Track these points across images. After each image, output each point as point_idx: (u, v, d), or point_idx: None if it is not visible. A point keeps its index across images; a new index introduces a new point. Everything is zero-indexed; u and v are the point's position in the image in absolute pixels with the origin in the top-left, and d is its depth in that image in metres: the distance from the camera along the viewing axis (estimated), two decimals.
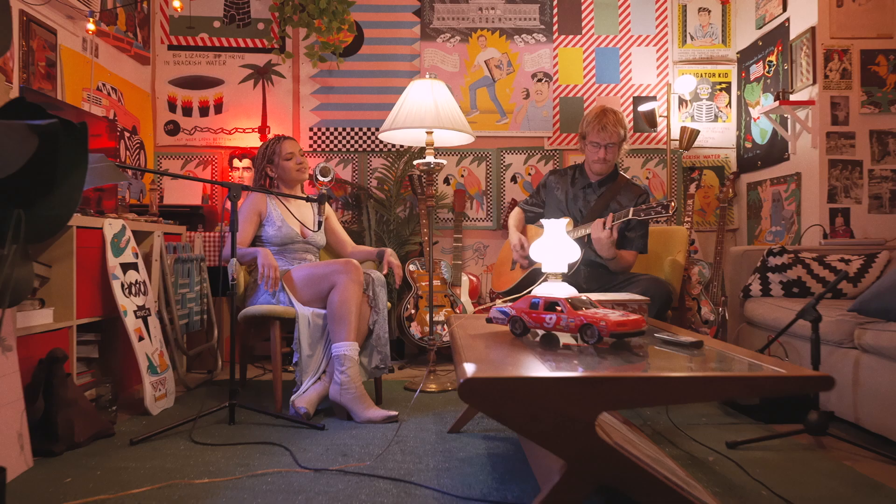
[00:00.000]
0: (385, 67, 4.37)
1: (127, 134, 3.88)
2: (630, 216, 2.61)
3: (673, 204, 2.39)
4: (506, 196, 4.39)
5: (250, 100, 4.34)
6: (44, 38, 3.04)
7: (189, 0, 4.25)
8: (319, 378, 2.60)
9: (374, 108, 4.34)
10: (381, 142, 4.33)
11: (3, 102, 1.59)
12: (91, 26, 3.21)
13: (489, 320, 1.91)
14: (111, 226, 2.63)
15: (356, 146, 4.37)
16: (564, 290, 2.08)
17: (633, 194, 2.94)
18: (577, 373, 1.25)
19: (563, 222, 2.12)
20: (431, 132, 3.02)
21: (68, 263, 2.40)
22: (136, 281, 2.71)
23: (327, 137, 4.36)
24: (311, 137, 4.35)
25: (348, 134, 4.37)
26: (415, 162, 3.14)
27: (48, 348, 2.20)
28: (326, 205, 2.79)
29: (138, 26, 4.02)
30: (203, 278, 3.36)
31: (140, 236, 2.97)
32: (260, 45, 4.33)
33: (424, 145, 3.05)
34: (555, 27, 4.39)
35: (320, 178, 3.85)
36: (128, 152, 3.88)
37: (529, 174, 4.39)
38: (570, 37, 4.40)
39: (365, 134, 4.37)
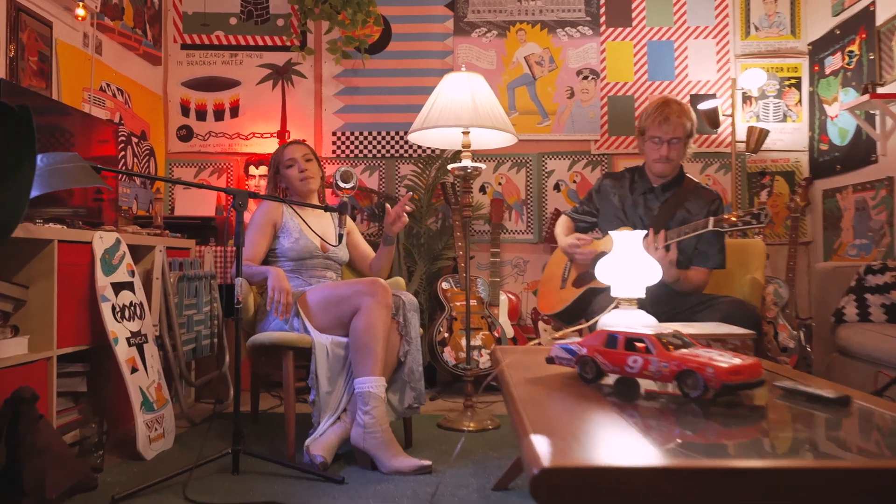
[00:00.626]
0: (415, 65, 3.99)
1: (135, 139, 3.56)
2: (697, 231, 2.19)
3: (768, 212, 1.96)
4: (548, 206, 3.97)
5: (269, 102, 4.00)
6: (36, 30, 2.72)
7: None
8: (339, 417, 2.21)
9: (402, 109, 3.97)
10: (411, 146, 3.96)
11: None
12: (81, 11, 2.85)
13: (550, 360, 1.50)
14: (102, 240, 2.28)
15: (383, 151, 4.00)
16: (642, 320, 1.67)
17: (704, 201, 2.51)
18: (720, 462, 0.83)
19: (640, 234, 1.71)
20: (468, 132, 2.64)
21: (48, 284, 2.06)
22: (131, 303, 2.36)
23: (352, 142, 4.00)
24: (334, 143, 4.00)
25: (374, 138, 4.00)
26: (449, 166, 2.76)
27: (23, 383, 1.85)
28: (348, 217, 2.40)
29: (148, 23, 3.71)
30: (213, 298, 3.01)
31: (142, 251, 2.62)
32: (279, 43, 3.99)
33: (459, 148, 2.68)
34: (602, 19, 3.98)
35: (342, 185, 3.45)
36: (136, 159, 3.56)
37: (574, 181, 3.97)
38: (619, 29, 3.98)
39: (392, 138, 4.00)
